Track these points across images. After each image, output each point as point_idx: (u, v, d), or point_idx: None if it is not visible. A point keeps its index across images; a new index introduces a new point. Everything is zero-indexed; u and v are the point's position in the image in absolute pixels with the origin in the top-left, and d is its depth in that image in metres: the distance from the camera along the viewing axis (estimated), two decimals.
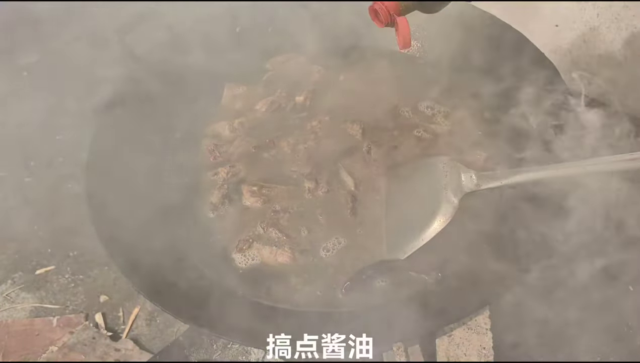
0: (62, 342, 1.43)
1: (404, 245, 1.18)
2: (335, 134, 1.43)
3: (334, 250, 1.23)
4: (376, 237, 1.24)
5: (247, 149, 1.42)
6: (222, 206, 1.31)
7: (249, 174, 1.38)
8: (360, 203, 1.30)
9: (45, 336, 1.48)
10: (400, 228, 1.22)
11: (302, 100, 1.52)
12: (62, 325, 1.51)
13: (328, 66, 1.61)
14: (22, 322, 1.54)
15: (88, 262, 1.72)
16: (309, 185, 1.32)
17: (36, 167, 2.06)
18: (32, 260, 1.75)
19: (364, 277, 1.16)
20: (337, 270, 1.20)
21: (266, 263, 1.23)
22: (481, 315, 1.19)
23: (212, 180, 1.38)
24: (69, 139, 2.15)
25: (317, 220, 1.27)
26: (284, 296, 1.18)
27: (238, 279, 1.21)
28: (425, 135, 1.42)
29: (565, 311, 1.45)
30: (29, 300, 1.64)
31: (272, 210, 1.29)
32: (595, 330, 1.58)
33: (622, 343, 1.55)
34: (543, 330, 1.50)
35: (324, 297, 1.17)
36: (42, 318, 1.54)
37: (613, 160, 1.05)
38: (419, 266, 1.18)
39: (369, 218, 1.27)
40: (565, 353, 1.55)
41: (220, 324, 1.06)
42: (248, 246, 1.24)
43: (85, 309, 1.61)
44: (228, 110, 1.55)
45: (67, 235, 1.76)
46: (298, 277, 1.20)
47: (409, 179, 1.29)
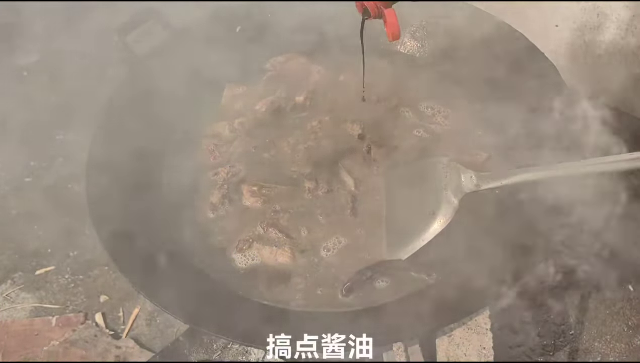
0: (64, 338, 1.43)
1: (404, 245, 1.18)
2: (335, 134, 1.43)
3: (334, 250, 1.23)
4: (376, 237, 1.24)
5: (247, 149, 1.42)
6: (222, 206, 1.31)
7: (249, 174, 1.38)
8: (361, 203, 1.30)
9: (44, 336, 1.48)
10: (401, 228, 1.22)
11: (302, 100, 1.52)
12: (61, 324, 1.51)
13: (328, 66, 1.61)
14: (21, 322, 1.54)
15: (88, 262, 1.73)
16: (309, 185, 1.32)
17: (36, 167, 2.07)
18: (32, 260, 1.75)
19: (364, 277, 1.16)
20: (338, 270, 1.20)
21: (266, 263, 1.23)
22: (481, 315, 1.19)
23: (212, 180, 1.38)
24: (69, 139, 2.15)
25: (317, 220, 1.27)
26: (284, 296, 1.18)
27: (238, 279, 1.21)
28: (425, 135, 1.42)
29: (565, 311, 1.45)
30: (29, 300, 1.64)
31: (272, 210, 1.29)
32: (595, 329, 1.59)
33: (622, 343, 1.56)
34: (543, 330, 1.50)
35: (324, 297, 1.17)
36: (41, 318, 1.54)
37: (613, 160, 1.05)
38: (420, 266, 1.18)
39: (369, 218, 1.27)
40: (565, 353, 1.55)
41: (220, 324, 1.06)
42: (248, 246, 1.24)
43: (85, 309, 1.61)
44: (228, 110, 1.55)
45: (67, 235, 1.76)
46: (298, 276, 1.20)
47: (409, 179, 1.29)
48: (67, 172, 1.99)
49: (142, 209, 1.30)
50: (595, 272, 1.46)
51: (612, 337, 1.56)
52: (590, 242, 1.14)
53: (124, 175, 1.31)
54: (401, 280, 1.17)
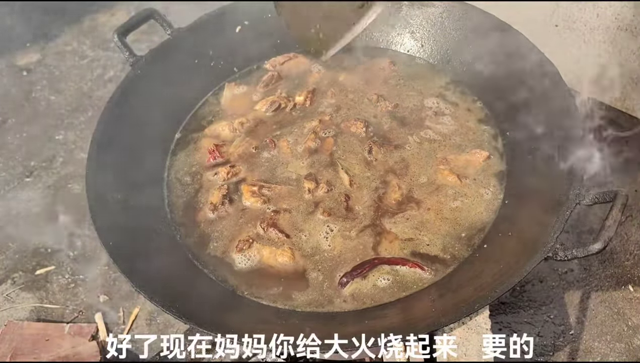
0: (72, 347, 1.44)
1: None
2: (335, 134, 1.43)
3: (334, 249, 1.23)
4: (375, 234, 1.24)
5: (247, 149, 1.42)
6: (222, 206, 1.31)
7: (249, 174, 1.38)
8: (358, 201, 1.29)
9: (55, 342, 1.49)
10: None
11: (302, 100, 1.52)
12: (73, 333, 1.52)
13: (328, 66, 1.61)
14: (36, 326, 1.55)
15: (88, 262, 1.73)
16: (309, 185, 1.32)
17: (36, 167, 2.07)
18: (32, 260, 1.75)
19: (361, 271, 1.17)
20: (338, 269, 1.20)
21: (266, 263, 1.23)
22: (481, 315, 1.19)
23: (212, 180, 1.38)
24: (69, 138, 2.15)
25: (317, 220, 1.27)
26: (284, 296, 1.18)
27: (238, 279, 1.21)
28: (425, 135, 1.42)
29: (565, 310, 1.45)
30: (29, 300, 1.64)
31: (272, 210, 1.29)
32: (595, 329, 1.59)
33: (622, 343, 1.56)
34: (543, 330, 1.50)
35: (324, 297, 1.17)
36: (55, 324, 1.55)
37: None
38: (418, 263, 1.18)
39: (368, 218, 1.27)
40: (565, 353, 1.55)
41: (220, 324, 1.06)
42: (248, 246, 1.24)
43: (85, 309, 1.61)
44: (228, 110, 1.55)
45: (67, 235, 1.77)
46: (298, 276, 1.20)
47: None
48: (67, 172, 1.99)
49: (142, 209, 1.30)
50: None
51: (612, 337, 1.56)
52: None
53: (124, 175, 1.31)
54: (401, 279, 1.17)
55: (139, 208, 1.29)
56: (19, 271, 1.72)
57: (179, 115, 1.53)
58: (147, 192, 1.34)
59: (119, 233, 1.17)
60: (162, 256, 1.19)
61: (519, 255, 1.09)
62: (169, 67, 1.50)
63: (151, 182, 1.38)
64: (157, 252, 1.20)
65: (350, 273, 1.18)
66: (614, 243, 1.71)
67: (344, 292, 1.17)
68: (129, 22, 1.47)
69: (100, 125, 1.33)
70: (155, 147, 1.45)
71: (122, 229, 1.19)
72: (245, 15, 1.62)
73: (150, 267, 1.14)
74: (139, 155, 1.38)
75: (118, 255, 1.12)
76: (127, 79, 1.43)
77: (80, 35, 2.65)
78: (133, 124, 1.40)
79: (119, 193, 1.27)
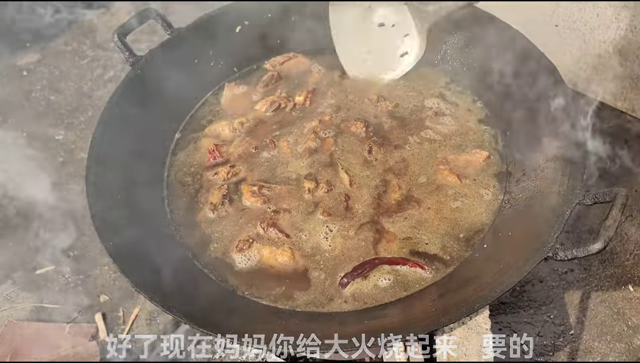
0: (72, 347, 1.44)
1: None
2: (335, 134, 1.42)
3: (335, 249, 1.23)
4: (375, 233, 1.24)
5: (247, 149, 1.42)
6: (222, 206, 1.31)
7: (249, 174, 1.38)
8: (358, 201, 1.29)
9: (55, 342, 1.49)
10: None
11: (302, 100, 1.52)
12: (73, 333, 1.51)
13: (328, 66, 1.61)
14: (36, 325, 1.55)
15: (88, 262, 1.73)
16: (309, 185, 1.32)
17: (36, 167, 2.07)
18: (32, 260, 1.75)
19: (361, 271, 1.17)
20: (338, 269, 1.20)
21: (266, 263, 1.23)
22: (481, 315, 1.19)
23: (212, 180, 1.38)
24: (69, 138, 2.15)
25: (316, 220, 1.27)
26: (284, 296, 1.18)
27: (238, 279, 1.21)
28: (425, 135, 1.42)
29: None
30: (29, 300, 1.64)
31: (272, 210, 1.29)
32: (595, 329, 1.58)
33: (622, 343, 1.56)
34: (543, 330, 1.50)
35: (324, 297, 1.17)
36: (55, 324, 1.54)
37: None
38: (419, 263, 1.18)
39: (368, 217, 1.27)
40: (565, 353, 1.55)
41: (220, 324, 1.06)
42: (248, 246, 1.24)
43: (85, 309, 1.61)
44: (228, 110, 1.55)
45: (67, 235, 1.77)
46: (298, 276, 1.20)
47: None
48: (67, 172, 1.99)
49: (142, 209, 1.30)
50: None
51: (612, 337, 1.56)
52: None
53: (124, 175, 1.31)
54: (401, 279, 1.17)
55: (139, 208, 1.29)
56: (19, 271, 1.72)
57: (179, 115, 1.53)
58: (147, 192, 1.34)
59: (119, 233, 1.17)
60: (162, 256, 1.19)
61: (518, 255, 1.09)
62: (169, 67, 1.50)
63: (151, 182, 1.38)
64: (157, 252, 1.20)
65: (351, 274, 1.18)
66: (614, 243, 1.71)
67: (345, 292, 1.17)
68: (129, 22, 1.47)
69: (100, 125, 1.33)
70: (155, 147, 1.45)
71: (122, 229, 1.19)
72: (245, 15, 1.62)
73: (150, 267, 1.14)
74: (139, 155, 1.38)
75: (118, 255, 1.12)
76: (127, 79, 1.43)
77: (80, 35, 2.65)
78: (133, 124, 1.40)
79: (119, 194, 1.27)
